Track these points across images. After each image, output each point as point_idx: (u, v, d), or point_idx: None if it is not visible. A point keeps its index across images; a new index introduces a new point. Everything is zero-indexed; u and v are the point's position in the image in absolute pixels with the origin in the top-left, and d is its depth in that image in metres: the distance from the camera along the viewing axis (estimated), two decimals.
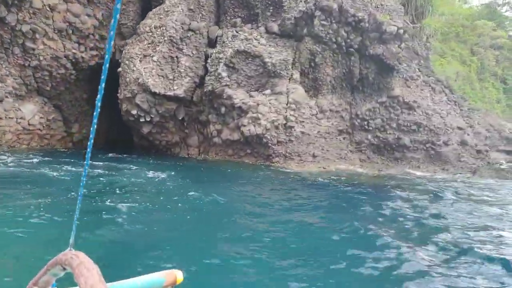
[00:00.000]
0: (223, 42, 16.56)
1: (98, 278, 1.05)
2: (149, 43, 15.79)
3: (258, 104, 15.44)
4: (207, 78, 16.25)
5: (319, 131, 16.98)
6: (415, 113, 19.47)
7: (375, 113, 19.16)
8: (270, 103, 15.45)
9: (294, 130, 15.70)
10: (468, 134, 22.83)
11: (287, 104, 15.67)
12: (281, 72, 16.05)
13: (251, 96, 15.75)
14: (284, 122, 15.53)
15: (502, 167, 23.55)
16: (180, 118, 16.45)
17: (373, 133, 19.21)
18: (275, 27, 17.08)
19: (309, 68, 17.50)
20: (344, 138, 18.65)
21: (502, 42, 50.23)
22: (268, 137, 15.28)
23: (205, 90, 16.09)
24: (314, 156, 16.16)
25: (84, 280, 1.03)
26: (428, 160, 19.97)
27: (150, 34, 15.92)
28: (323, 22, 16.73)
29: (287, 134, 15.60)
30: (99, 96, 1.15)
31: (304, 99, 16.13)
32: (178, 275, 1.52)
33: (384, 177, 15.62)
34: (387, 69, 18.40)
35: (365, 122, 19.07)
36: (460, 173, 20.09)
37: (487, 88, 47.91)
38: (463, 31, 48.97)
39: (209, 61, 16.51)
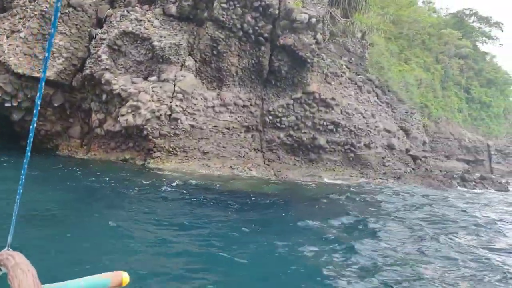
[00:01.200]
0: (111, 22, 14.81)
1: (32, 281, 1.03)
2: (20, 18, 13.92)
3: (139, 92, 13.73)
4: (87, 61, 14.47)
5: (215, 126, 15.35)
6: (333, 111, 18.05)
7: (289, 110, 17.66)
8: (153, 91, 13.76)
9: (181, 122, 14.03)
10: (398, 138, 21.57)
11: (173, 93, 13.99)
12: (171, 57, 14.38)
13: (133, 82, 14.03)
14: (169, 113, 13.85)
15: (431, 174, 22.35)
16: (57, 105, 14.60)
17: (286, 131, 17.70)
18: (173, 9, 15.43)
19: (211, 56, 15.88)
20: (252, 136, 17.09)
21: (467, 52, 49.86)
22: (149, 128, 13.57)
23: (83, 73, 14.30)
24: (204, 153, 14.51)
25: (17, 283, 1.02)
26: (346, 163, 18.56)
27: (24, 8, 14.06)
28: (224, 5, 15.15)
29: (172, 126, 13.92)
30: (38, 95, 1.24)
31: (194, 88, 14.48)
32: (124, 276, 1.51)
33: (275, 182, 14.04)
34: (301, 62, 16.92)
35: (278, 120, 17.55)
36: (381, 178, 18.73)
37: (450, 97, 47.37)
38: (429, 39, 48.43)
39: (92, 42, 14.73)
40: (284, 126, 17.61)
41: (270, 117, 17.46)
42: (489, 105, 54.27)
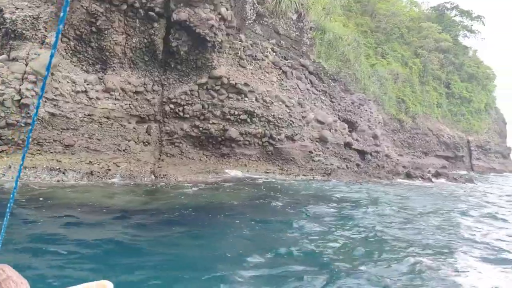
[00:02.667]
0: None
1: None
2: None
3: None
4: None
5: (90, 114, 12.99)
6: (246, 99, 15.73)
7: (193, 97, 15.34)
8: None
9: (35, 109, 11.62)
10: (336, 130, 19.25)
11: (23, 75, 11.63)
12: (25, 32, 12.04)
13: None
14: (17, 97, 11.48)
15: (377, 170, 20.04)
16: None
17: (191, 122, 15.38)
18: None
19: (90, 33, 13.51)
20: (148, 127, 14.75)
21: (447, 46, 47.89)
22: None
23: None
24: (66, 146, 12.13)
25: None
26: (265, 157, 16.24)
27: None
28: None
29: (23, 114, 11.54)
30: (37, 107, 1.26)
31: (53, 69, 12.11)
32: (109, 286, 1.52)
33: (137, 186, 11.65)
34: (201, 41, 14.60)
35: (180, 108, 15.22)
36: (305, 175, 16.42)
37: (428, 92, 45.32)
38: (408, 33, 46.40)
39: None
40: (188, 115, 15.28)
41: (171, 106, 15.14)
42: (470, 100, 52.34)
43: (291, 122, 16.66)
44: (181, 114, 15.17)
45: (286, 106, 16.75)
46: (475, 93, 53.44)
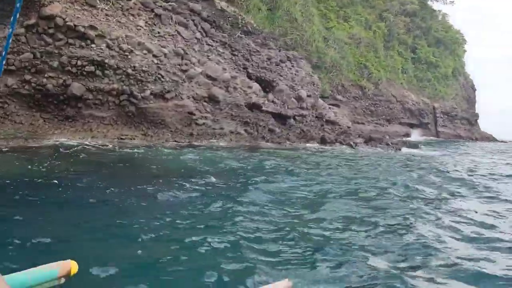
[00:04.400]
0: None
1: None
2: None
3: None
4: None
5: None
6: (93, 46, 12.33)
7: (20, 44, 11.90)
8: None
9: None
10: (235, 88, 16.04)
11: None
12: None
13: None
14: None
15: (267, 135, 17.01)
16: None
17: (20, 76, 11.99)
18: None
19: None
20: None
21: (413, 8, 44.51)
22: None
23: None
24: None
25: None
26: (124, 120, 13.01)
27: None
28: None
29: None
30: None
31: None
32: (73, 266, 1.45)
33: None
34: None
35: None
36: (177, 141, 13.31)
37: (393, 57, 42.05)
38: None
39: None
40: (14, 67, 11.89)
41: None
42: (437, 66, 49.40)
43: (160, 76, 13.36)
44: (5, 66, 11.74)
45: (154, 56, 13.40)
46: (442, 58, 50.57)
